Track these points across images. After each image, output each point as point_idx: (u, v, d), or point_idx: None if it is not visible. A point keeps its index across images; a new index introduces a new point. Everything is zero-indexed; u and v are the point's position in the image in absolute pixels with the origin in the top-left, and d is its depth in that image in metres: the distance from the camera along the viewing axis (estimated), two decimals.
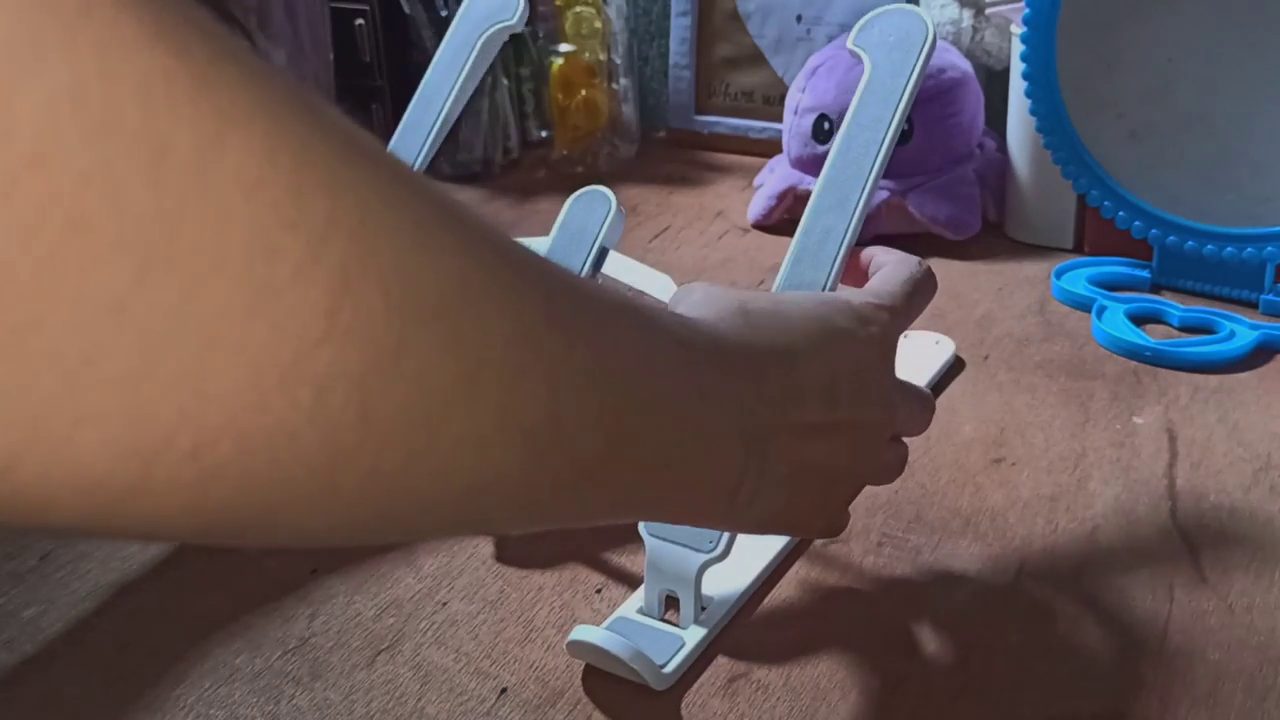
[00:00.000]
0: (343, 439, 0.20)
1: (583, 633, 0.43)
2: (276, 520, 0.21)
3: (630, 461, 0.29)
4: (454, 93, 0.61)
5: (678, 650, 0.44)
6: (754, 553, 0.49)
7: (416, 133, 0.60)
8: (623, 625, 0.45)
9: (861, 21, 0.50)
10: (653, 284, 0.52)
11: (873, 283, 0.43)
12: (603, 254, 0.51)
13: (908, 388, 0.42)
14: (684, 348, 0.31)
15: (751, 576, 0.48)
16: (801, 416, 0.35)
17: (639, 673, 0.42)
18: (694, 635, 0.45)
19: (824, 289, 0.45)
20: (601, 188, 0.53)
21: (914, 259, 0.45)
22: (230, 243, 0.18)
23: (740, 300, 0.36)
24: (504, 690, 0.43)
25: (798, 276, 0.46)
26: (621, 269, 0.52)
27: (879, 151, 0.47)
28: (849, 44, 0.50)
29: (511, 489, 0.25)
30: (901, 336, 0.63)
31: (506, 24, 0.61)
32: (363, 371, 0.20)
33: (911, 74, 0.48)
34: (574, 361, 0.25)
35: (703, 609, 0.46)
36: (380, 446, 0.21)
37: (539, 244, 0.51)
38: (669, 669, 0.43)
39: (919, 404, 0.43)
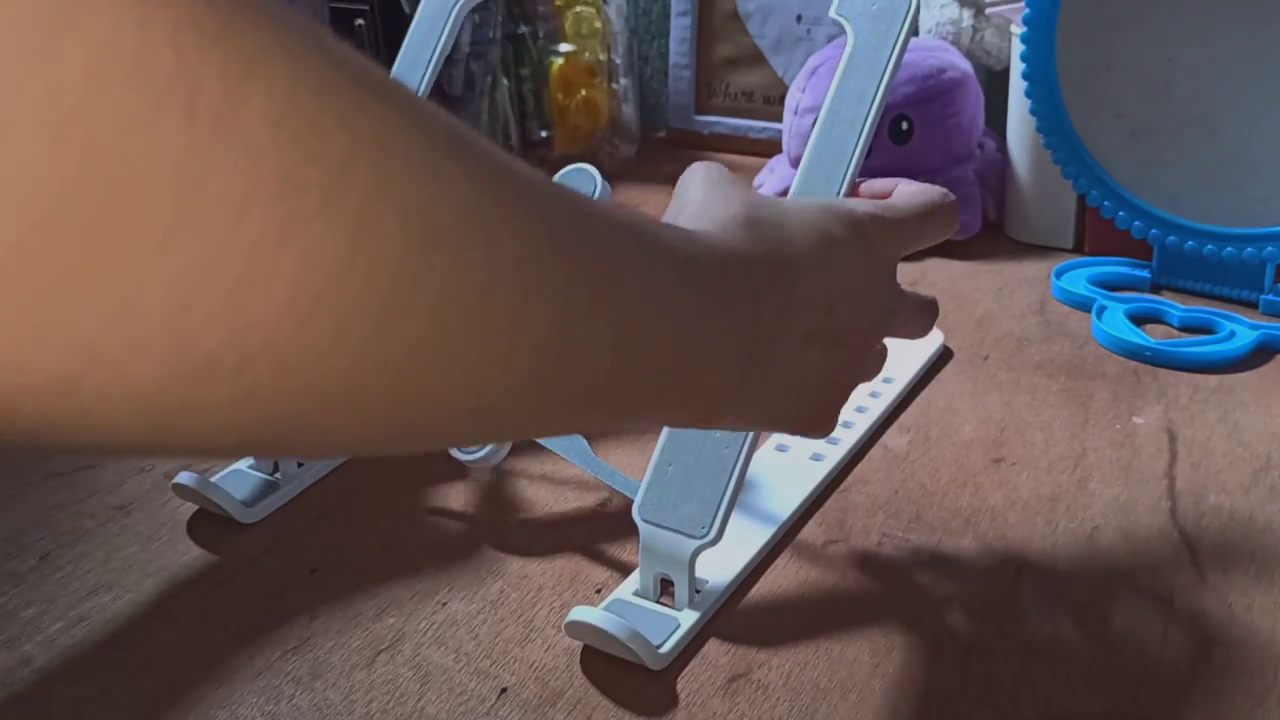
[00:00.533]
0: (369, 357, 0.21)
1: (581, 614, 0.43)
2: (309, 432, 0.22)
3: (634, 378, 0.30)
4: (431, 65, 0.61)
5: (673, 631, 0.45)
6: (747, 537, 0.50)
7: None
8: (619, 607, 0.46)
9: None
10: None
11: (889, 199, 0.42)
12: None
13: (909, 297, 0.42)
14: (687, 268, 0.32)
15: (745, 560, 0.49)
16: (800, 328, 0.36)
17: (636, 652, 0.43)
18: (689, 618, 0.45)
19: None
20: (587, 166, 0.53)
21: (940, 190, 0.43)
22: (260, 178, 0.19)
23: (746, 208, 0.36)
24: (504, 690, 0.43)
25: None
26: None
27: (863, 127, 0.46)
28: (831, 12, 0.49)
29: (523, 402, 0.26)
30: None
31: None
32: (385, 295, 0.21)
33: (895, 45, 0.47)
34: (579, 283, 0.26)
35: (696, 592, 0.46)
36: (403, 363, 0.22)
37: None
38: (665, 649, 0.44)
39: (919, 311, 0.43)
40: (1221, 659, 0.43)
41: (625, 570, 0.49)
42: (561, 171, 0.53)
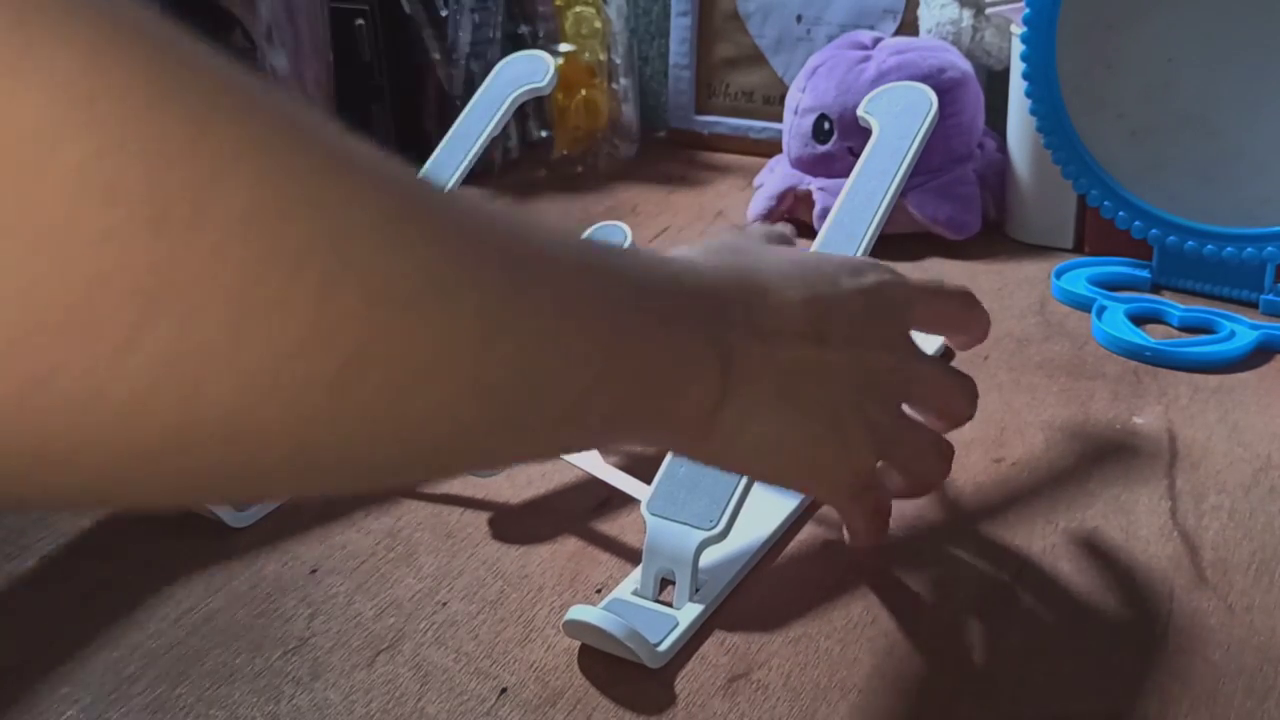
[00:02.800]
0: (319, 425, 0.23)
1: (579, 612, 0.43)
2: (251, 481, 0.24)
3: (606, 397, 0.31)
4: (480, 142, 0.67)
5: (672, 629, 0.45)
6: (748, 532, 0.50)
7: (442, 173, 0.66)
8: (618, 606, 0.46)
9: (872, 94, 0.55)
10: None
11: None
12: None
13: (938, 361, 0.44)
14: (642, 284, 0.33)
15: (744, 559, 0.49)
16: (786, 354, 0.37)
17: (634, 651, 0.43)
18: (689, 614, 0.46)
19: None
20: (620, 223, 0.61)
21: (962, 286, 0.46)
22: (222, 277, 0.20)
23: (735, 244, 0.39)
24: (504, 690, 0.43)
25: None
26: None
27: (883, 199, 0.52)
28: (859, 112, 0.55)
29: (487, 438, 0.28)
30: None
31: (536, 86, 0.68)
32: (341, 364, 0.22)
33: (916, 136, 0.53)
34: (539, 323, 0.28)
35: (696, 590, 0.47)
36: (359, 422, 0.24)
37: None
38: (663, 647, 0.44)
39: (949, 378, 0.44)
40: (1221, 659, 0.43)
41: (625, 571, 0.49)
42: (594, 226, 0.61)
